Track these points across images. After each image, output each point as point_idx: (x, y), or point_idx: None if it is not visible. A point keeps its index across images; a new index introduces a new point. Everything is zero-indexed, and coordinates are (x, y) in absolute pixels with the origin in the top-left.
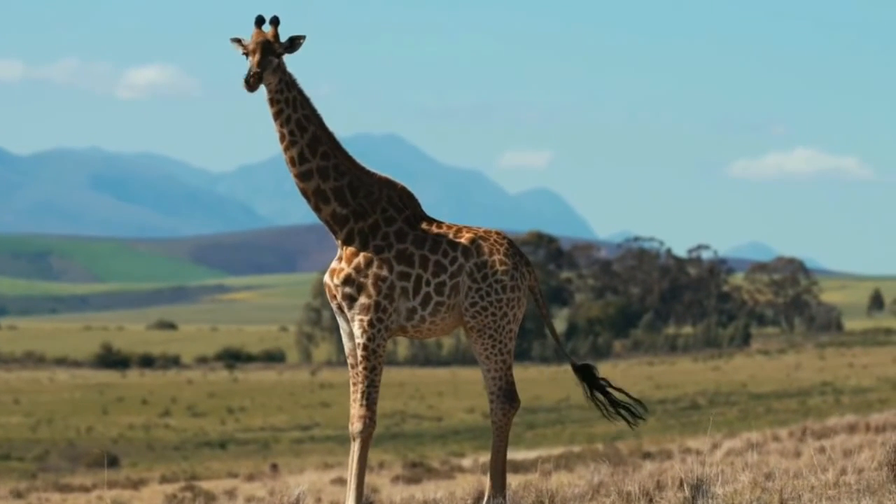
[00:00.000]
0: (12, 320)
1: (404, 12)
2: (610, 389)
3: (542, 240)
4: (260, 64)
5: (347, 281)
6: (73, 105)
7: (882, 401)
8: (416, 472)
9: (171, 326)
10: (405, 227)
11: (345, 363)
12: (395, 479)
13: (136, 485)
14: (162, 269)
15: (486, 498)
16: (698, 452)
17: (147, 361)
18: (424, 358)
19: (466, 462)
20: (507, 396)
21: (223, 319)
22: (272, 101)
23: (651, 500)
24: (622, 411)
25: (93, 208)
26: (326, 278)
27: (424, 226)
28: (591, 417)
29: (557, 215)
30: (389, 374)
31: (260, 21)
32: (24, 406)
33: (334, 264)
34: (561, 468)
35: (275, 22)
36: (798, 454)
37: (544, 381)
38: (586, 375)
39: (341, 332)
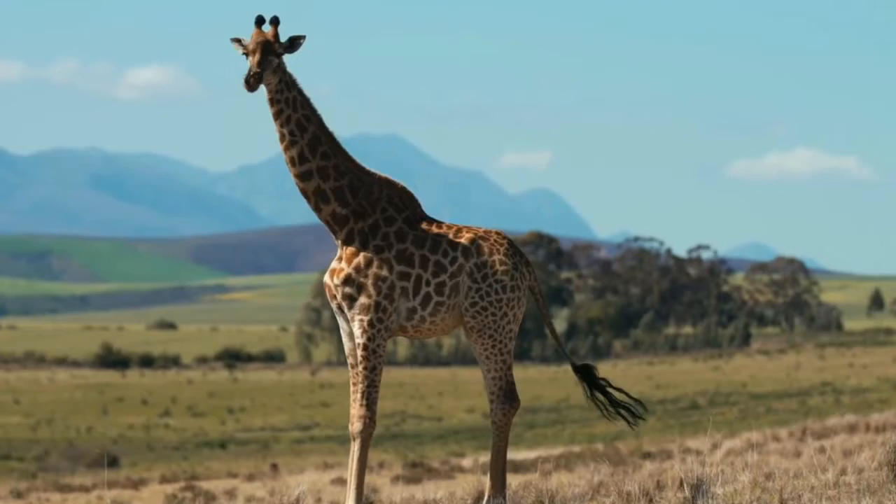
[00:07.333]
0: (12, 320)
1: (404, 12)
2: (610, 389)
3: (542, 240)
4: (260, 64)
5: (347, 281)
6: (73, 105)
7: (882, 401)
8: (416, 472)
9: (171, 326)
10: (405, 227)
11: (345, 363)
12: (395, 479)
13: (136, 485)
14: (162, 269)
15: (486, 498)
16: (698, 452)
17: (147, 361)
18: (424, 358)
19: (466, 462)
20: (507, 396)
21: (223, 319)
22: (272, 102)
23: (651, 500)
24: (622, 411)
25: (93, 208)
26: (326, 278)
27: (424, 226)
28: (591, 417)
29: (557, 215)
30: (389, 374)
31: (260, 21)
32: (24, 406)
33: (334, 264)
34: (561, 468)
35: (275, 22)
36: (798, 454)
37: (544, 381)
38: (586, 375)
39: (341, 332)
